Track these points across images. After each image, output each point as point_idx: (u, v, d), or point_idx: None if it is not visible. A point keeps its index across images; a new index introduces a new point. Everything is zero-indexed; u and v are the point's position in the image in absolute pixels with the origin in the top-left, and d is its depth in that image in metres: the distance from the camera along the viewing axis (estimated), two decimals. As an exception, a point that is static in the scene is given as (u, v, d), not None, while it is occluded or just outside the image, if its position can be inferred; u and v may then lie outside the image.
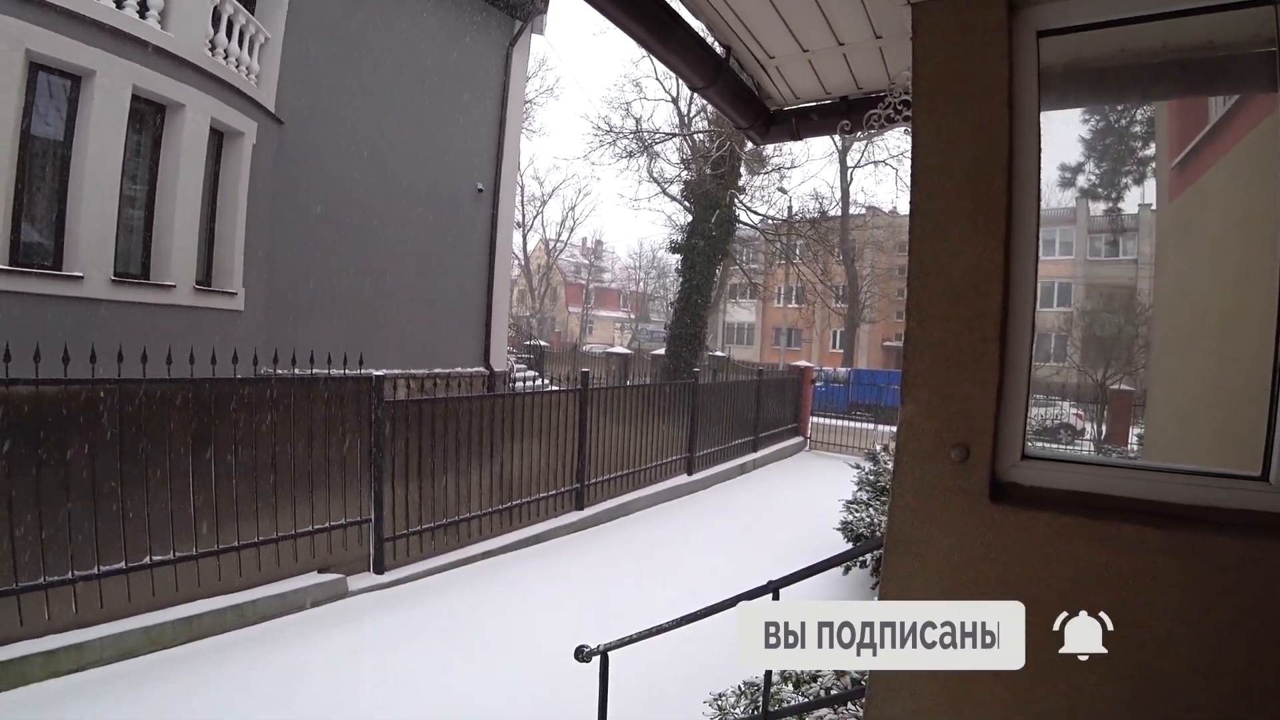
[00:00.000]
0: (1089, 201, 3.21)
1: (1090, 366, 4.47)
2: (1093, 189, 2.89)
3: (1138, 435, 5.35)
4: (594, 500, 7.56)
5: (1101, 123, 2.55)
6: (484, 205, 11.73)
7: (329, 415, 5.22)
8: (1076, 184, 2.68)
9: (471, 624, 4.82)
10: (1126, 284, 3.84)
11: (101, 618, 4.14)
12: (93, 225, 6.13)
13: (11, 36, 5.63)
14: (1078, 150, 2.45)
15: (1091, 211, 3.61)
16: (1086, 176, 2.70)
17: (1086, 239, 3.88)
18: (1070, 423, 6.29)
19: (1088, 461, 1.47)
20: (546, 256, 39.77)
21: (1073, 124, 2.27)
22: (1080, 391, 5.47)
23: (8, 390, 3.91)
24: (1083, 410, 6.19)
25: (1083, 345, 3.89)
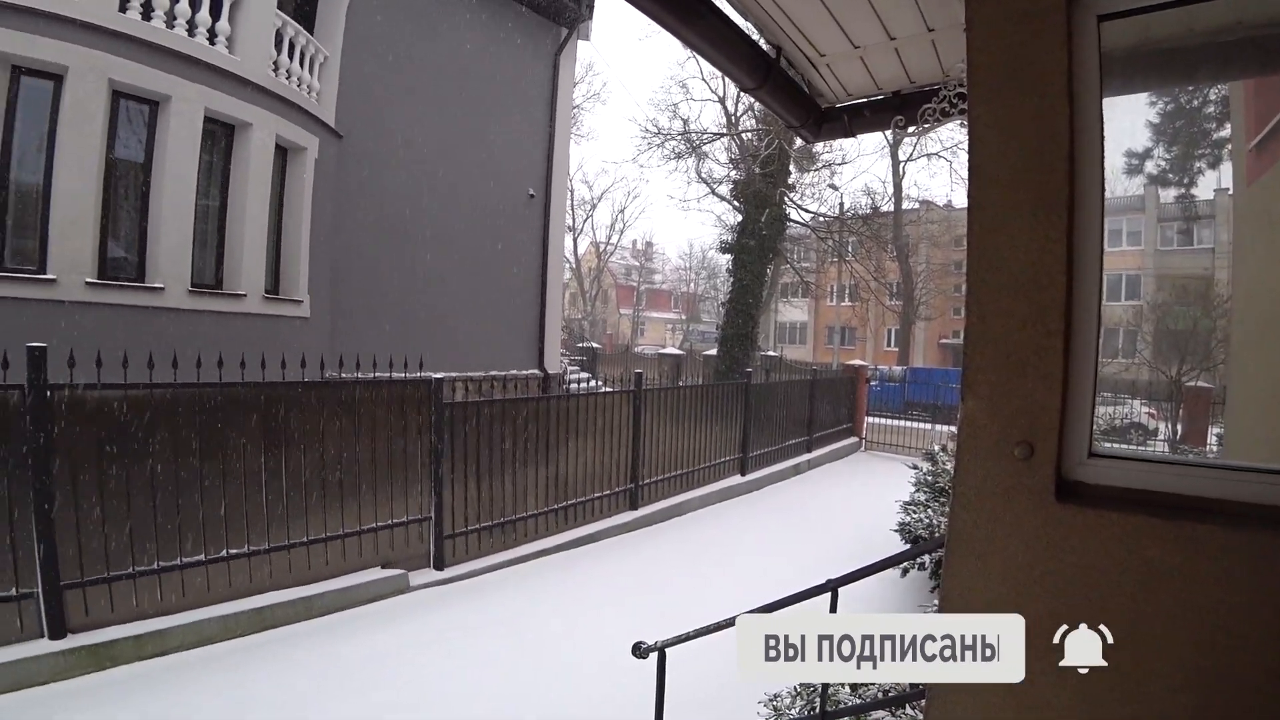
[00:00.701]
0: (1158, 188, 3.07)
1: (1163, 363, 4.26)
2: (1163, 175, 2.76)
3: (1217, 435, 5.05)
4: (647, 500, 7.60)
5: (1171, 105, 2.44)
6: (535, 210, 11.94)
7: (391, 417, 5.42)
8: (1144, 170, 2.56)
9: (529, 620, 4.90)
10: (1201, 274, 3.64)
11: (183, 606, 4.41)
12: (171, 240, 6.54)
13: (97, 69, 6.06)
14: (1145, 135, 2.35)
15: (1161, 199, 3.45)
16: (1155, 162, 2.59)
17: (1157, 228, 3.69)
18: (1142, 422, 5.99)
19: (1160, 459, 1.42)
20: (597, 259, 40.12)
21: (1139, 108, 2.18)
22: (1153, 389, 5.21)
23: (100, 394, 4.21)
24: (1156, 409, 5.89)
25: (1154, 340, 3.70)
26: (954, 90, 2.15)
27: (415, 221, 9.78)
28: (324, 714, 3.68)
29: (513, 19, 11.25)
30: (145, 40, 6.31)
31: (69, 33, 5.90)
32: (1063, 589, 1.28)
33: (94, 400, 4.21)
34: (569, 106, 12.91)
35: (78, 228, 6.00)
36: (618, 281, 46.39)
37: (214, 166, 7.17)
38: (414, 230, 9.77)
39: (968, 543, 1.39)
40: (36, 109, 6.03)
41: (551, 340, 12.29)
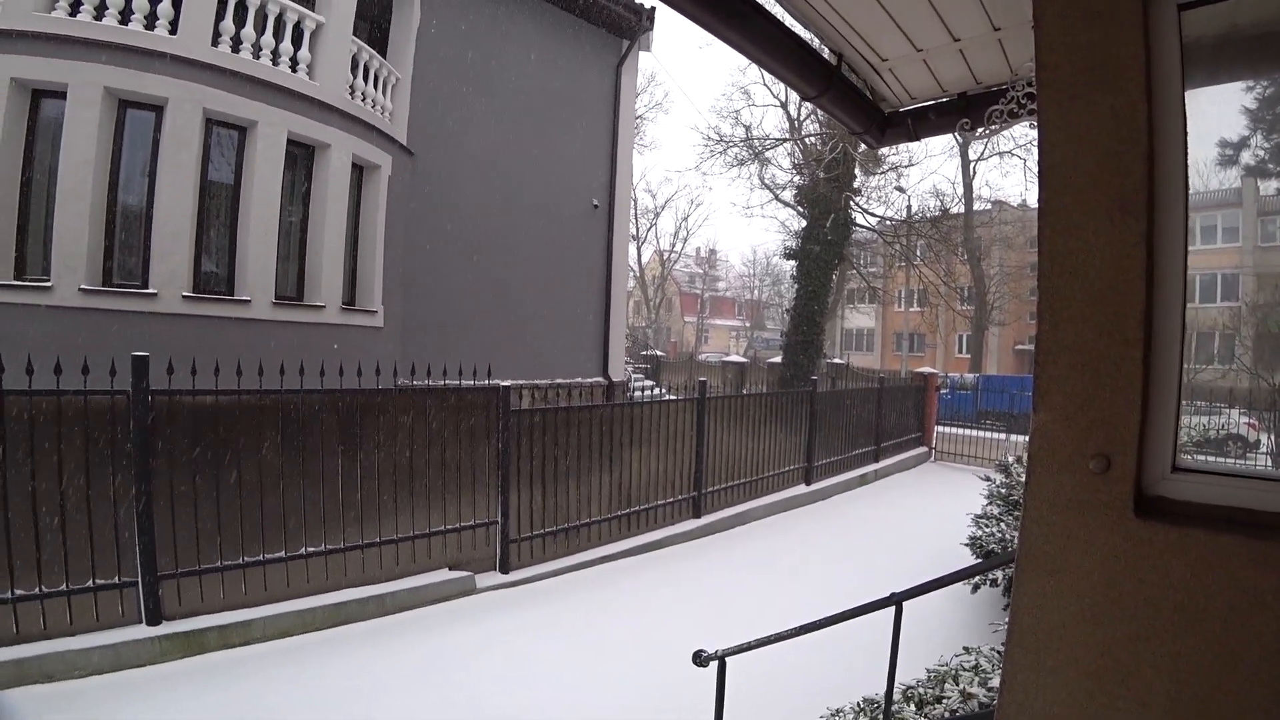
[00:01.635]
0: (1257, 180, 2.87)
1: (1265, 369, 3.94)
2: (1261, 165, 2.58)
3: (1327, 448, 4.63)
4: (711, 508, 7.56)
5: (1270, 89, 2.28)
6: (600, 220, 12.11)
7: (460, 423, 5.59)
8: (1240, 161, 2.40)
9: (592, 625, 4.96)
10: (1309, 273, 3.36)
11: (264, 600, 4.70)
12: (257, 255, 6.96)
13: (193, 99, 6.52)
14: (1241, 123, 2.20)
15: (1261, 191, 3.21)
16: (1253, 152, 2.42)
17: (1256, 222, 3.44)
18: (1241, 433, 5.56)
19: (1255, 474, 1.32)
20: (661, 267, 40.29)
21: (1232, 95, 2.05)
22: (1253, 397, 4.83)
23: (194, 400, 4.54)
24: (1257, 419, 5.45)
25: (1254, 344, 3.44)
26: (1022, 90, 2.08)
27: (483, 233, 10.08)
28: (389, 711, 3.81)
29: (575, 33, 11.48)
30: (234, 71, 6.76)
31: (168, 67, 6.40)
32: (1142, 610, 1.21)
33: (189, 405, 4.54)
34: (631, 117, 13.04)
35: (176, 245, 6.48)
36: (681, 289, 46.44)
37: (296, 185, 7.59)
38: (482, 242, 10.08)
39: (1040, 560, 1.33)
40: (140, 138, 6.56)
41: (616, 348, 12.39)
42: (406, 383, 5.52)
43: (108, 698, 3.81)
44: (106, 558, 4.23)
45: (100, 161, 6.28)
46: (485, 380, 5.72)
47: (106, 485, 4.23)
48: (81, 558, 4.14)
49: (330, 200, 7.65)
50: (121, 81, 6.27)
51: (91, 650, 4.06)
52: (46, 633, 4.03)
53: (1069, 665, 1.29)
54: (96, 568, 4.19)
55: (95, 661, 4.05)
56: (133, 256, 6.51)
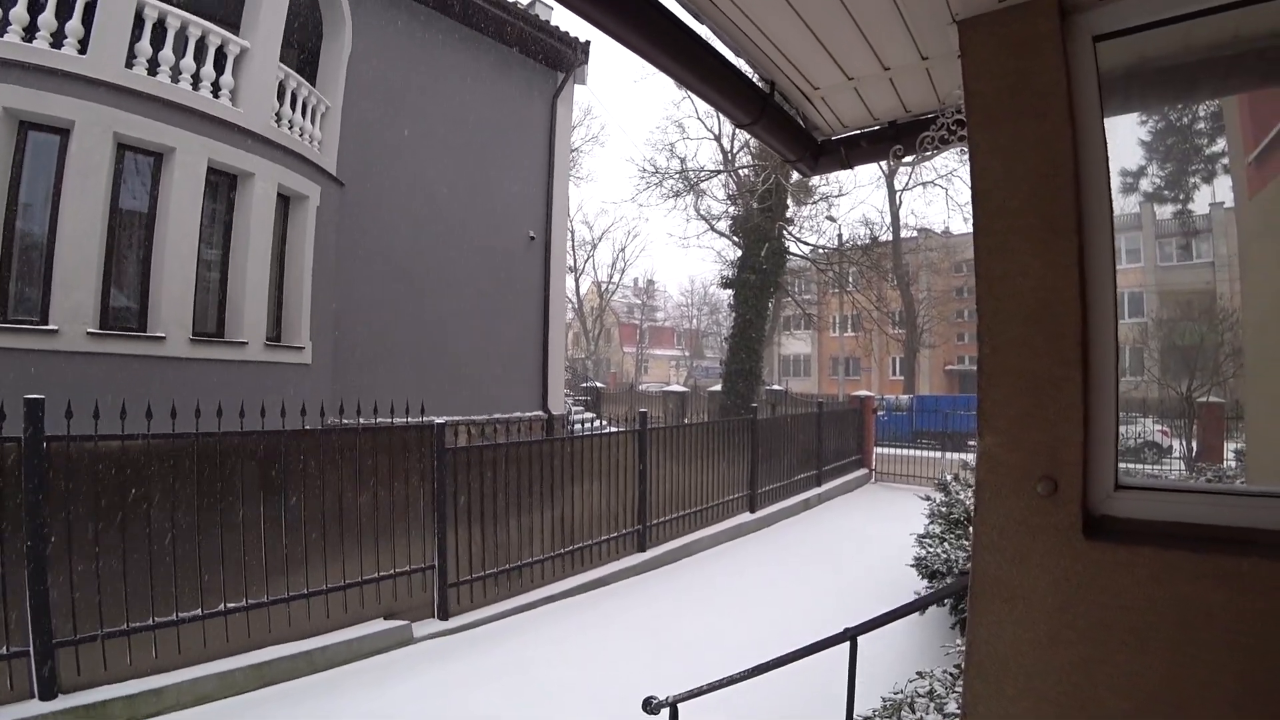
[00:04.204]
0: (1154, 205, 3.07)
1: (1173, 379, 4.18)
2: (1158, 192, 2.75)
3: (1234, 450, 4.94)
4: (656, 541, 7.46)
5: (1161, 123, 2.43)
6: (536, 252, 12.04)
7: (393, 463, 5.33)
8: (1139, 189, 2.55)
9: (535, 671, 4.75)
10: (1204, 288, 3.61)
11: (178, 663, 4.29)
12: (173, 289, 6.55)
13: (102, 123, 6.16)
14: (1138, 154, 2.34)
15: (1158, 215, 3.44)
16: (1150, 180, 2.57)
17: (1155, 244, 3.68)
18: (1156, 440, 5.89)
19: (1192, 489, 1.35)
20: (599, 298, 40.43)
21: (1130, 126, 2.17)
22: (1164, 406, 5.12)
23: (96, 446, 4.15)
24: (1168, 426, 5.79)
25: (1162, 357, 3.65)
26: (952, 117, 2.14)
27: (417, 265, 9.86)
28: None
29: (510, 65, 11.51)
30: (150, 94, 6.43)
31: (76, 88, 6.02)
32: (1096, 632, 1.20)
33: (91, 452, 4.14)
34: (567, 149, 13.11)
35: (81, 278, 6.02)
36: (620, 320, 46.71)
37: (217, 215, 7.22)
38: (416, 274, 9.84)
39: (994, 585, 1.31)
40: (43, 162, 6.11)
41: (555, 381, 12.26)
42: (336, 422, 5.24)
43: None
44: None
45: (-3, 188, 5.82)
46: (419, 417, 5.49)
47: None
48: None
49: (254, 231, 7.31)
50: (22, 102, 5.84)
51: None
52: None
53: (1027, 693, 1.26)
54: None
55: None
56: (32, 288, 6.00)
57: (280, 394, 5.54)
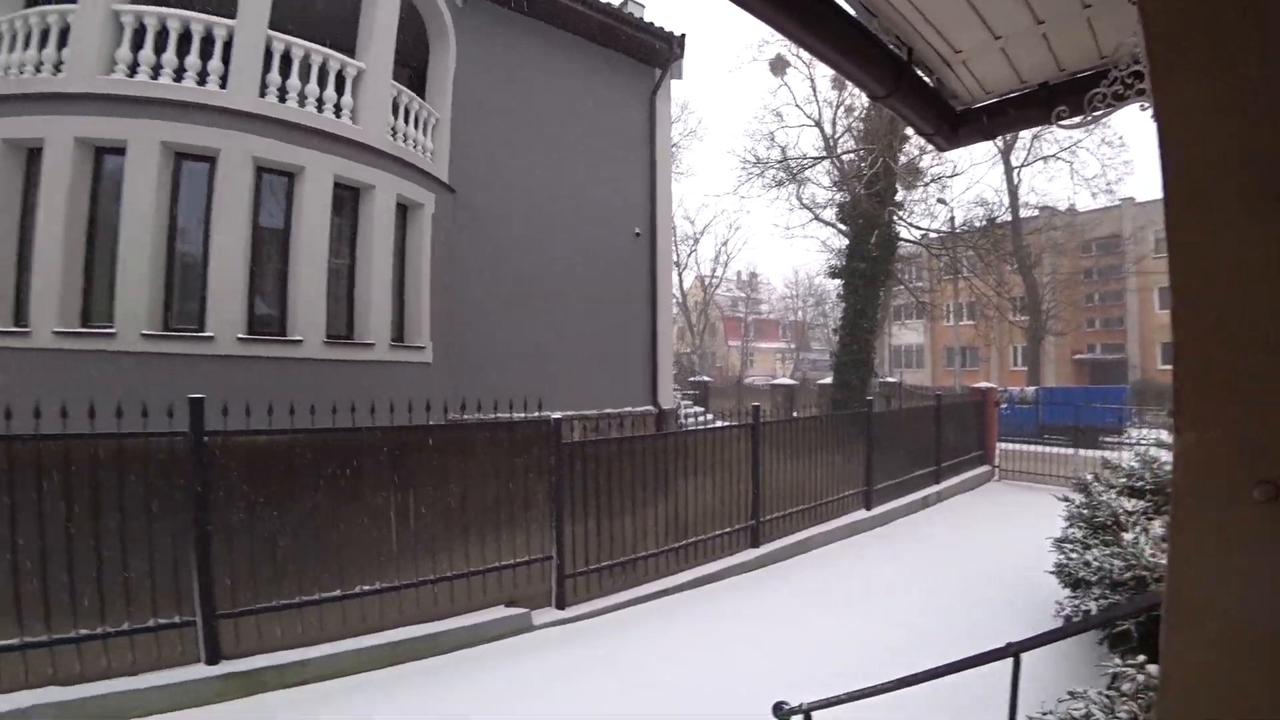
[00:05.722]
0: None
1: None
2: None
3: None
4: (769, 537, 7.27)
5: None
6: (642, 248, 12.11)
7: (511, 457, 5.49)
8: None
9: (653, 663, 4.70)
10: None
11: (320, 638, 4.61)
12: (308, 296, 7.07)
13: (243, 149, 6.74)
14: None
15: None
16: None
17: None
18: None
19: None
20: (703, 293, 40.21)
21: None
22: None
23: (249, 440, 4.55)
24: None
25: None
26: (1127, 69, 1.87)
27: (526, 265, 10.16)
28: None
29: (609, 65, 11.63)
30: (282, 119, 6.99)
31: (220, 119, 6.65)
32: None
33: (244, 445, 4.54)
34: (668, 144, 13.07)
35: (231, 290, 6.64)
36: (724, 314, 46.31)
37: (343, 226, 7.74)
38: (526, 274, 10.15)
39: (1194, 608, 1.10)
40: (195, 188, 6.78)
41: (664, 375, 12.24)
42: (456, 417, 5.47)
43: None
44: (167, 597, 4.23)
45: (159, 212, 6.52)
46: (535, 412, 5.63)
47: (167, 525, 4.24)
48: (143, 597, 4.16)
49: (376, 240, 7.77)
50: (176, 135, 6.53)
51: (152, 690, 4.03)
52: (110, 671, 4.04)
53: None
54: (157, 607, 4.20)
55: (155, 701, 4.01)
56: (191, 301, 6.69)
57: (404, 391, 5.85)
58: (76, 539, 4.03)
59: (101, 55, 6.47)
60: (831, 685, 2.84)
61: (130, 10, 6.56)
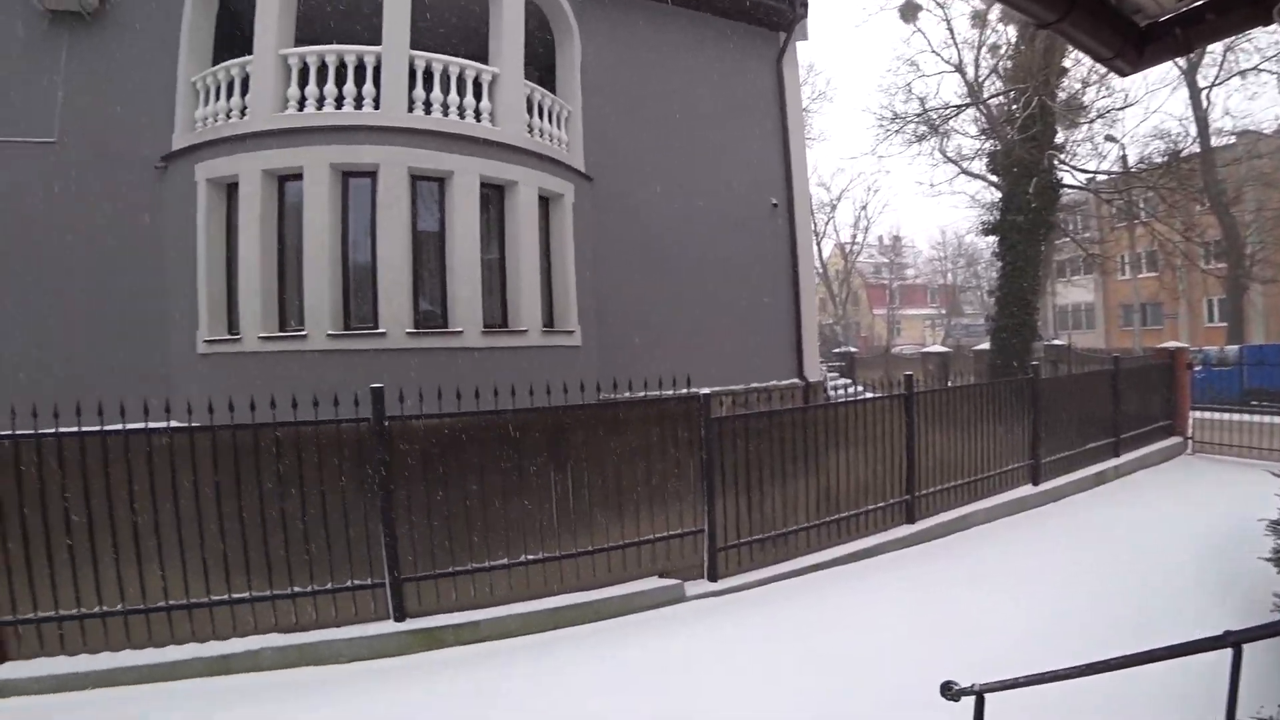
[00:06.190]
0: None
1: None
2: None
3: None
4: (926, 513, 6.95)
5: None
6: (780, 219, 11.82)
7: (662, 432, 5.66)
8: None
9: (807, 638, 4.66)
10: None
11: (490, 602, 5.09)
12: (464, 290, 7.64)
13: (399, 161, 7.41)
14: None
15: None
16: None
17: None
18: None
19: None
20: (844, 261, 38.60)
21: None
22: None
23: (422, 423, 5.07)
24: None
25: None
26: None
27: (666, 245, 10.27)
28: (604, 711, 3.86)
29: (730, 36, 11.40)
30: (430, 130, 7.59)
31: (377, 137, 7.35)
32: None
33: (419, 428, 5.06)
34: (799, 109, 12.55)
35: (397, 290, 7.32)
36: (867, 281, 44.28)
37: (491, 222, 8.25)
38: (666, 253, 10.27)
39: None
40: (361, 202, 7.53)
41: (809, 347, 11.94)
42: (607, 396, 5.71)
43: (362, 681, 4.35)
44: (361, 562, 4.87)
45: (333, 227, 7.33)
46: (684, 389, 5.75)
47: (358, 500, 4.86)
48: (342, 561, 4.83)
49: (522, 232, 8.23)
50: (342, 157, 7.31)
51: (351, 640, 4.71)
52: (318, 623, 4.78)
53: None
54: (354, 570, 4.86)
55: (353, 650, 4.68)
56: (365, 303, 7.46)
57: (556, 374, 6.18)
58: (288, 511, 4.75)
59: (276, 95, 7.37)
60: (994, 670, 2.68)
61: (295, 52, 7.43)
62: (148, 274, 7.72)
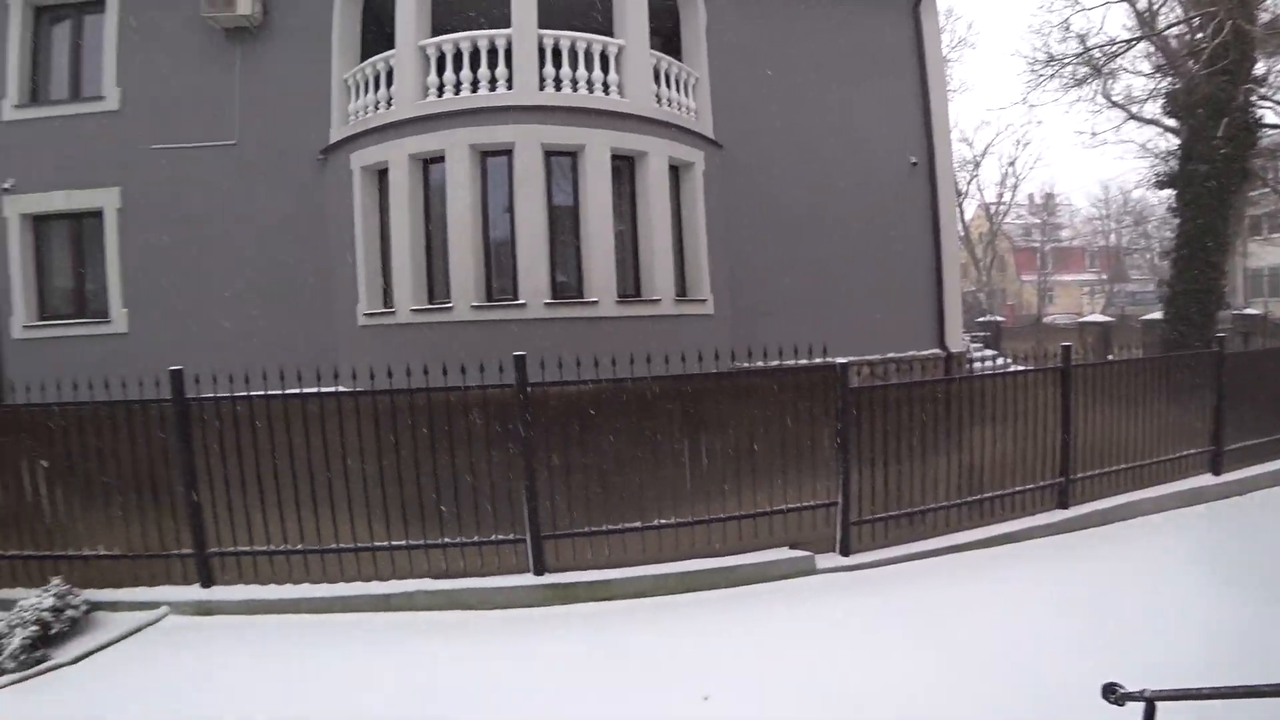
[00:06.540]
0: None
1: None
2: None
3: None
4: (1081, 498, 6.39)
5: None
6: (920, 178, 11.02)
7: (796, 403, 5.60)
8: None
9: (943, 624, 4.45)
10: None
11: (623, 562, 5.33)
12: (598, 261, 7.88)
13: (533, 138, 7.72)
14: None
15: None
16: None
17: None
18: None
19: None
20: (988, 222, 35.54)
21: None
22: None
23: (560, 390, 5.35)
24: None
25: None
26: None
27: (797, 209, 9.95)
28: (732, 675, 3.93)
29: (862, -15, 10.71)
30: (560, 106, 7.83)
31: (512, 116, 7.69)
32: None
33: (558, 395, 5.35)
34: (939, 59, 11.52)
35: (535, 263, 7.67)
36: (1015, 244, 40.51)
37: (623, 193, 8.39)
38: (797, 218, 9.95)
39: None
40: (499, 180, 7.93)
41: (952, 316, 11.15)
42: (740, 365, 5.72)
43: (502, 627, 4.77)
44: (504, 518, 5.28)
45: (474, 205, 7.78)
46: (818, 358, 5.64)
47: (502, 460, 5.25)
48: (486, 516, 5.27)
49: (654, 202, 8.32)
50: (479, 138, 7.74)
51: (494, 590, 5.15)
52: (465, 572, 5.27)
53: None
54: (498, 525, 5.28)
55: (495, 599, 5.11)
56: (505, 276, 7.90)
57: (689, 342, 6.27)
58: (439, 468, 5.23)
59: (417, 84, 7.94)
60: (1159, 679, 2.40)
61: (432, 43, 7.91)
62: (315, 255, 8.69)
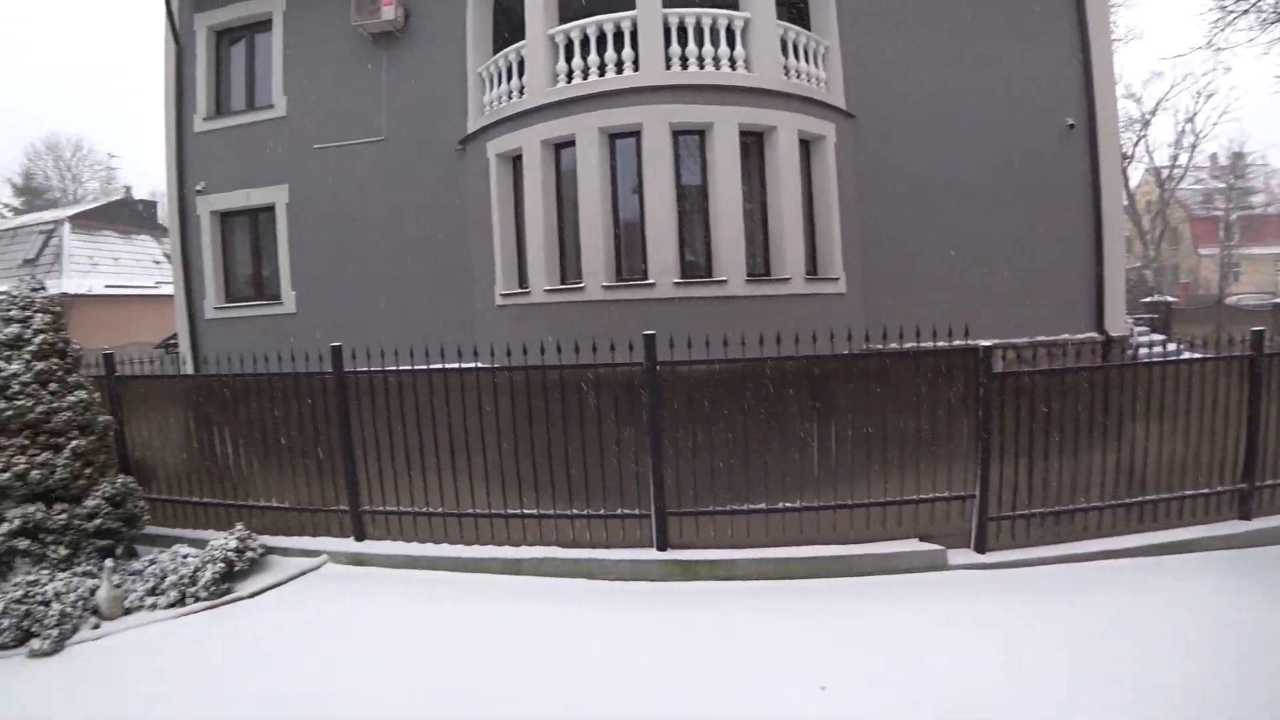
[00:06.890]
0: None
1: None
2: None
3: None
4: (1268, 510, 5.66)
5: None
6: (1077, 142, 9.73)
7: (932, 387, 5.36)
8: None
9: (1090, 637, 4.05)
10: None
11: (746, 543, 5.39)
12: (727, 239, 7.85)
13: (660, 118, 7.77)
14: None
15: None
16: None
17: None
18: None
19: None
20: (1159, 190, 31.41)
21: None
22: None
23: (689, 369, 5.44)
24: None
25: None
26: None
27: (936, 181, 9.23)
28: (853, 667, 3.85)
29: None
30: (687, 84, 7.80)
31: (639, 97, 7.77)
32: None
33: (686, 374, 5.44)
34: (1103, 3, 9.90)
35: (664, 242, 7.76)
36: (1192, 213, 35.22)
37: (751, 170, 8.26)
38: (936, 191, 9.24)
39: None
40: (627, 161, 8.05)
41: (1113, 296, 9.87)
42: (873, 346, 5.54)
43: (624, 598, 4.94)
44: (630, 494, 5.48)
45: (603, 187, 7.97)
46: (959, 340, 5.36)
47: (629, 436, 5.43)
48: (613, 491, 5.49)
49: (784, 178, 8.15)
50: (608, 121, 7.90)
51: (617, 562, 5.36)
52: (591, 543, 5.54)
53: None
54: (624, 500, 5.49)
55: (620, 571, 5.32)
56: (635, 256, 8.06)
57: (820, 322, 6.06)
58: (570, 442, 5.50)
59: (546, 72, 8.21)
60: None
61: (559, 30, 8.14)
62: (456, 240, 9.28)
